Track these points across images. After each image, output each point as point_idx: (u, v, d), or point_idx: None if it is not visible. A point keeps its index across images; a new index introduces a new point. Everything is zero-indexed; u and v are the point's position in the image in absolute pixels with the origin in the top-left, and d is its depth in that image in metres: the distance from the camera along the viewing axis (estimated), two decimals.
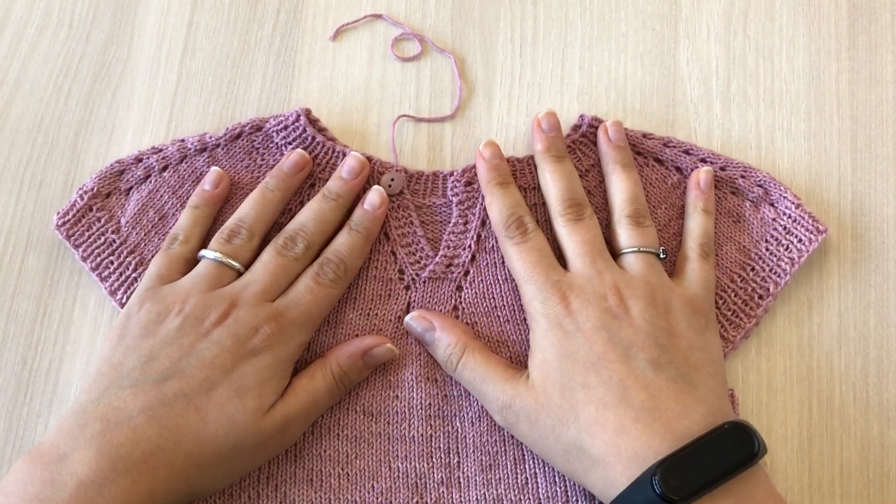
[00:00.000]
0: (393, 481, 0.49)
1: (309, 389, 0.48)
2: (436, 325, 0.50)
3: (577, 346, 0.46)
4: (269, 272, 0.49)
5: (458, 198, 0.54)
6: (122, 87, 0.58)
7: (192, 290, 0.48)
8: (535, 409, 0.46)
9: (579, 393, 0.45)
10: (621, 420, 0.44)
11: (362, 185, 0.53)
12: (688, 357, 0.46)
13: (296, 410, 0.47)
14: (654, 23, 0.60)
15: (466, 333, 0.50)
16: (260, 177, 0.54)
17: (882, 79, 0.58)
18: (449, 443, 0.50)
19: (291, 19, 0.60)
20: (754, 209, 0.54)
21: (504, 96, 0.58)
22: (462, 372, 0.49)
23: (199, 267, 0.50)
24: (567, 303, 0.47)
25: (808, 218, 0.53)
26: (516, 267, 0.50)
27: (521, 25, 0.60)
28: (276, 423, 0.46)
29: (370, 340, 0.50)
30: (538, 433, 0.46)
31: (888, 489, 0.51)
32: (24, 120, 0.57)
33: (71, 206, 0.53)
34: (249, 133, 0.55)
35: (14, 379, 0.52)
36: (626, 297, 0.47)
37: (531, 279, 0.49)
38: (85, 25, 0.59)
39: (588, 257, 0.49)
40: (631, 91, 0.58)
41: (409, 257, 0.53)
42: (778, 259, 0.53)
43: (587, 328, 0.46)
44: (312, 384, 0.48)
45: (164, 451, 0.43)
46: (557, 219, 0.51)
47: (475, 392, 0.49)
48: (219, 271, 0.49)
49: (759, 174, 0.54)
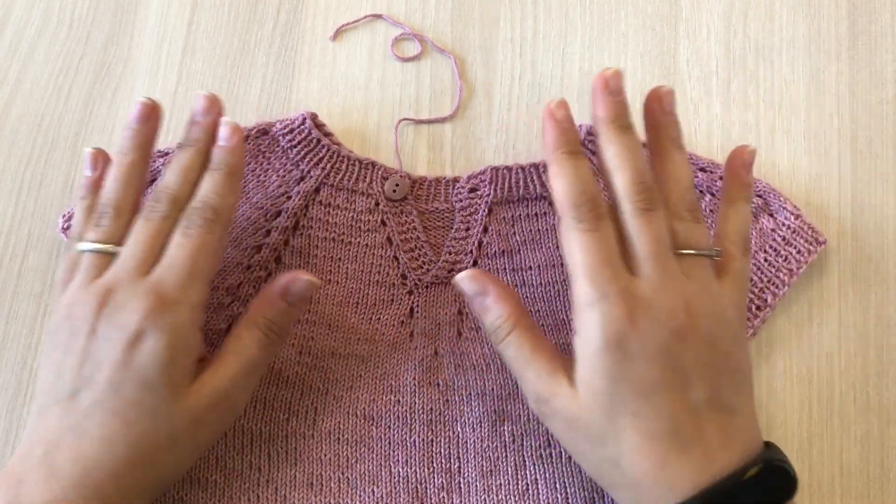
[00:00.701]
0: (393, 486, 0.49)
1: (239, 351, 0.45)
2: (490, 292, 0.46)
3: (634, 372, 0.41)
4: (139, 242, 0.45)
5: (461, 204, 0.54)
6: (122, 87, 0.58)
7: (76, 290, 0.45)
8: (575, 418, 0.43)
9: (626, 419, 0.41)
10: (665, 453, 0.41)
11: (216, 121, 0.48)
12: (735, 378, 0.43)
13: (229, 379, 0.44)
14: (654, 23, 0.60)
15: (520, 308, 0.46)
16: (266, 180, 0.54)
17: (882, 79, 0.58)
18: (450, 448, 0.49)
19: (291, 19, 0.60)
20: (753, 219, 0.53)
21: (504, 96, 0.58)
22: (506, 349, 0.45)
23: (80, 263, 0.46)
24: (634, 319, 0.41)
25: (808, 229, 0.53)
26: (577, 260, 0.43)
27: (521, 25, 0.60)
28: (207, 400, 0.44)
29: (284, 278, 0.47)
30: (573, 438, 0.43)
31: (888, 489, 0.51)
32: (24, 120, 0.57)
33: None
34: (256, 137, 0.55)
35: (14, 379, 0.52)
36: (694, 314, 0.42)
37: (594, 280, 0.42)
38: (85, 25, 0.59)
39: (660, 261, 0.43)
40: (631, 91, 0.58)
41: (412, 262, 0.53)
42: (776, 270, 0.53)
43: (650, 352, 0.41)
44: (241, 344, 0.45)
45: (102, 462, 0.41)
46: (626, 205, 0.44)
47: (514, 371, 0.46)
48: (96, 261, 0.45)
49: (758, 184, 0.54)
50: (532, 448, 0.49)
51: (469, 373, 0.51)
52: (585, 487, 0.48)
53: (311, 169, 0.54)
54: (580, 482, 0.48)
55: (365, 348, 0.51)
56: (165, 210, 0.45)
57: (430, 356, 0.51)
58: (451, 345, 0.52)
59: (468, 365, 0.51)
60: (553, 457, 0.49)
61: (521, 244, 0.53)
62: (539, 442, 0.49)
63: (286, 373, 0.50)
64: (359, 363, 0.51)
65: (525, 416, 0.50)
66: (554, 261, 0.53)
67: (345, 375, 0.51)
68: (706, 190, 0.54)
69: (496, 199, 0.54)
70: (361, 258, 0.53)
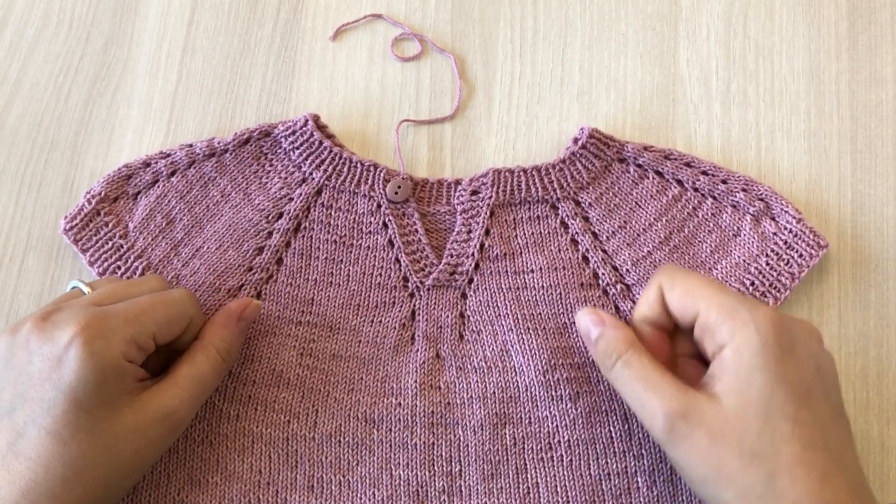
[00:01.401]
0: (394, 489, 0.49)
1: (191, 376, 0.46)
2: (606, 322, 0.47)
3: (793, 373, 0.41)
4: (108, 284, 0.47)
5: (463, 206, 0.54)
6: (122, 87, 0.58)
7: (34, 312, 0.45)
8: (722, 430, 0.41)
9: (787, 427, 0.40)
10: (827, 466, 0.39)
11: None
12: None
13: (179, 399, 0.44)
14: (654, 23, 0.60)
15: (633, 334, 0.46)
16: (268, 182, 0.54)
17: (882, 79, 0.58)
18: (451, 451, 0.49)
19: (291, 19, 0.60)
20: (755, 223, 0.54)
21: (504, 96, 0.58)
22: (622, 370, 0.45)
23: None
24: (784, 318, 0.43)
25: (809, 233, 0.53)
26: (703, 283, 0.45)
27: (521, 25, 0.60)
28: (150, 415, 0.43)
29: (236, 304, 0.49)
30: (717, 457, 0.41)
31: (888, 489, 0.51)
32: (24, 120, 0.57)
33: (78, 210, 0.53)
34: (258, 138, 0.55)
35: None
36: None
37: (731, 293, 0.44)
38: (85, 25, 0.59)
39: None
40: (631, 91, 0.58)
41: (414, 265, 0.53)
42: (778, 274, 0.53)
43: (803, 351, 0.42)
44: (195, 368, 0.46)
45: (39, 483, 0.41)
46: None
47: (632, 396, 0.44)
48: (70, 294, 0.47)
49: (760, 188, 0.54)
50: (533, 451, 0.49)
51: (471, 376, 0.51)
52: (586, 491, 0.48)
53: (312, 171, 0.54)
54: (581, 485, 0.48)
55: (366, 351, 0.51)
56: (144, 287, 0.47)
57: (432, 359, 0.51)
58: (453, 348, 0.52)
59: (470, 368, 0.51)
60: (554, 460, 0.49)
61: (522, 247, 0.53)
62: (540, 445, 0.49)
63: (287, 375, 0.50)
64: (360, 366, 0.51)
65: (526, 420, 0.50)
66: (555, 264, 0.53)
67: (346, 378, 0.51)
68: (707, 194, 0.54)
69: (498, 201, 0.54)
70: (363, 260, 0.53)
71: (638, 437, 0.49)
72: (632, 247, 0.53)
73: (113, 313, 0.43)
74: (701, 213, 0.54)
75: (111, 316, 0.43)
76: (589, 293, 0.52)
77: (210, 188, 0.54)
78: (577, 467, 0.49)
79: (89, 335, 0.42)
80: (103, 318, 0.43)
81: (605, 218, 0.54)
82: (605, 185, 0.54)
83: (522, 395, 0.50)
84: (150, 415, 0.43)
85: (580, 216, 0.54)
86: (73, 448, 0.41)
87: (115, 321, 0.43)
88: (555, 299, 0.52)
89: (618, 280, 0.53)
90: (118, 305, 0.44)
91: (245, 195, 0.54)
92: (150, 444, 0.44)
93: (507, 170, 0.54)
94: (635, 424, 0.50)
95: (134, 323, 0.44)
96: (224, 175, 0.54)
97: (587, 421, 0.50)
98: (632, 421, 0.50)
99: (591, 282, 0.53)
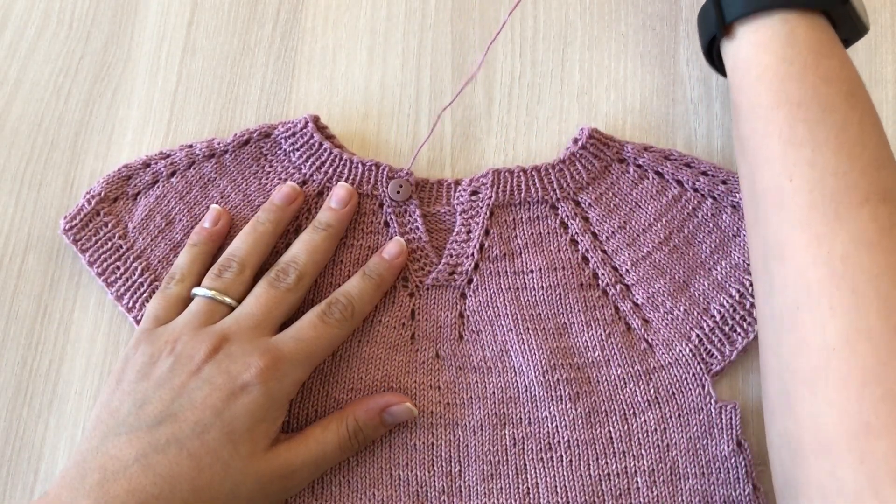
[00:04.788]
0: (394, 489, 0.49)
1: (320, 440, 0.47)
2: None
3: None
4: (260, 304, 0.48)
5: (463, 206, 0.54)
6: (122, 87, 0.58)
7: (184, 329, 0.47)
8: None
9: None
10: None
11: (352, 213, 0.53)
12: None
13: (302, 459, 0.46)
14: (654, 23, 0.60)
15: None
16: (268, 184, 0.54)
17: (882, 79, 0.58)
18: (451, 451, 0.50)
19: (291, 19, 0.60)
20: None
21: (504, 96, 0.58)
22: None
23: (191, 305, 0.49)
24: None
25: None
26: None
27: (521, 25, 0.60)
28: (276, 468, 0.45)
29: (390, 397, 0.49)
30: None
31: None
32: (24, 120, 0.57)
33: (78, 210, 0.53)
34: (258, 139, 0.55)
35: (14, 379, 0.52)
36: None
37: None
38: (85, 25, 0.59)
39: None
40: (631, 91, 0.58)
41: (414, 264, 0.53)
42: None
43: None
44: (325, 435, 0.47)
45: (160, 499, 0.42)
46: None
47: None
48: (211, 307, 0.48)
49: None
50: (533, 452, 0.49)
51: (470, 376, 0.51)
52: (586, 491, 0.48)
53: (313, 173, 0.54)
54: (581, 486, 0.49)
55: (366, 350, 0.51)
56: (292, 283, 0.49)
57: (432, 359, 0.51)
58: (453, 347, 0.52)
59: (469, 368, 0.51)
60: (554, 460, 0.49)
61: (522, 247, 0.53)
62: (540, 445, 0.49)
63: None
64: (360, 365, 0.51)
65: (526, 420, 0.50)
66: (555, 264, 0.53)
67: (345, 378, 0.51)
68: (707, 194, 0.54)
69: (497, 201, 0.54)
70: (363, 260, 0.53)
71: (638, 437, 0.50)
72: (631, 247, 0.53)
73: (287, 356, 0.46)
74: (701, 214, 0.54)
75: (286, 359, 0.46)
76: (588, 293, 0.52)
77: (210, 189, 0.54)
78: (576, 468, 0.49)
79: (268, 376, 0.45)
80: (279, 359, 0.46)
81: (604, 218, 0.54)
82: (604, 185, 0.54)
83: (522, 395, 0.50)
84: (275, 469, 0.45)
85: (580, 216, 0.54)
86: (206, 475, 0.43)
87: (289, 365, 0.46)
88: (554, 299, 0.52)
89: (617, 280, 0.53)
90: (289, 343, 0.47)
91: (245, 196, 0.54)
92: (264, 496, 0.45)
93: (507, 170, 0.54)
94: (635, 424, 0.50)
95: (305, 364, 0.47)
96: (224, 176, 0.54)
97: (587, 421, 0.50)
98: (631, 421, 0.50)
99: (591, 282, 0.53)
